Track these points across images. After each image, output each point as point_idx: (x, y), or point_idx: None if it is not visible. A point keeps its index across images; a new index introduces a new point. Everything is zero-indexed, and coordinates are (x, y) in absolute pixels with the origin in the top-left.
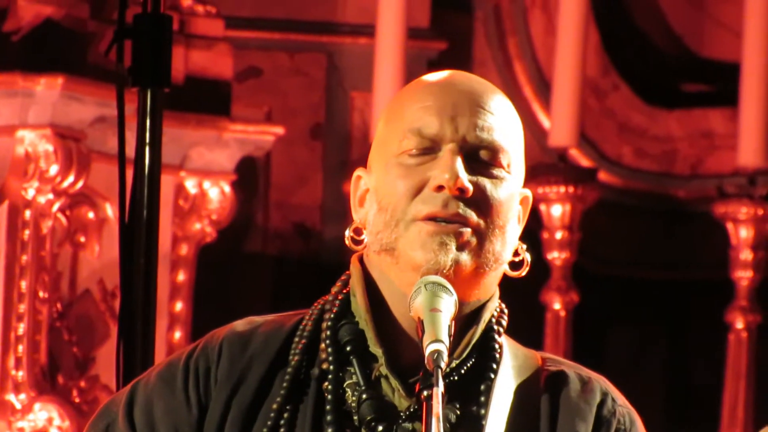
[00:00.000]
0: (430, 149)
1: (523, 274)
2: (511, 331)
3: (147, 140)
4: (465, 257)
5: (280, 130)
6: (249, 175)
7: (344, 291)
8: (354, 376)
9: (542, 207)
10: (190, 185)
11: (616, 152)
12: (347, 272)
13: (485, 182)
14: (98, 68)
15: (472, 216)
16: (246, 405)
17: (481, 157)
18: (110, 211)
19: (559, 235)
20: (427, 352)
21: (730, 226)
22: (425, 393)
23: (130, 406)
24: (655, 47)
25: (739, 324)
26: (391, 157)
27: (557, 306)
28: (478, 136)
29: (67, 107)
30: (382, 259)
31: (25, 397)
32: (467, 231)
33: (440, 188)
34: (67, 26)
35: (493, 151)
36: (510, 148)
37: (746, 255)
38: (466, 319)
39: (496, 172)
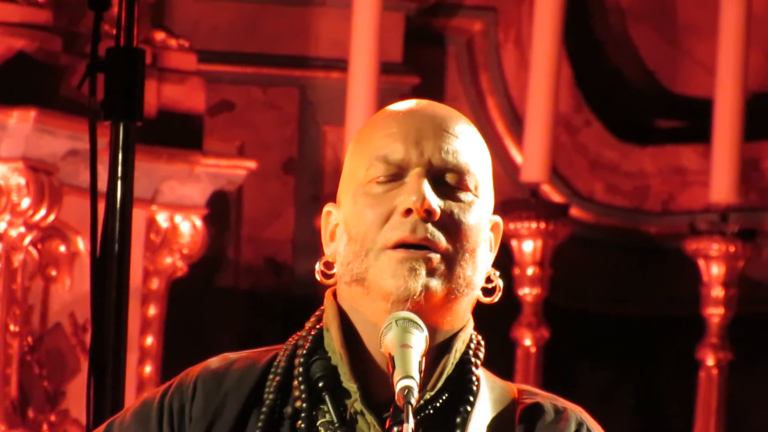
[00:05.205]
0: (396, 175)
1: (496, 300)
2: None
3: (119, 174)
4: (435, 283)
5: (252, 164)
6: (221, 209)
7: (318, 326)
8: (327, 414)
9: (514, 243)
10: (162, 219)
11: (588, 188)
12: (321, 308)
13: (453, 206)
14: (71, 102)
15: (441, 240)
16: None
17: (447, 181)
18: (82, 244)
19: (530, 271)
20: (397, 389)
21: (701, 262)
22: (395, 429)
23: None
24: (627, 83)
25: (710, 361)
26: (358, 186)
27: (528, 342)
28: (444, 159)
29: (40, 140)
30: (352, 290)
31: None
32: (436, 257)
33: (408, 212)
34: (40, 59)
35: (460, 173)
36: (476, 171)
37: (717, 292)
38: (438, 349)
39: (463, 195)
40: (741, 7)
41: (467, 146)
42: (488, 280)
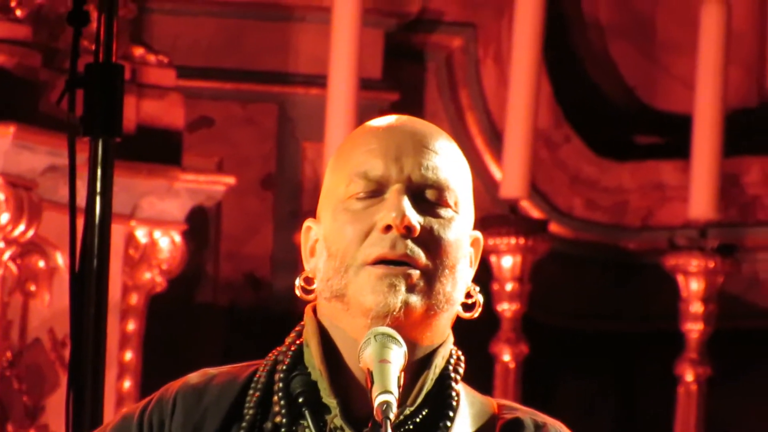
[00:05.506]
0: (376, 192)
1: (476, 315)
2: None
3: (98, 189)
4: (415, 299)
5: (231, 180)
6: (200, 225)
7: (297, 342)
8: (307, 430)
9: (493, 258)
10: (141, 235)
11: (567, 204)
12: (301, 323)
13: (433, 222)
14: (50, 117)
15: (421, 256)
16: None
17: (427, 197)
18: (61, 260)
19: (509, 286)
20: (376, 404)
21: (680, 278)
22: None
23: None
24: (607, 99)
25: (689, 376)
26: (338, 202)
27: (507, 357)
28: (424, 175)
29: (19, 156)
30: (332, 306)
31: None
32: (416, 273)
33: (388, 228)
34: (19, 75)
35: (439, 189)
36: (456, 187)
37: (696, 307)
38: (418, 364)
39: (443, 211)
40: (720, 23)
41: (447, 162)
42: (468, 295)
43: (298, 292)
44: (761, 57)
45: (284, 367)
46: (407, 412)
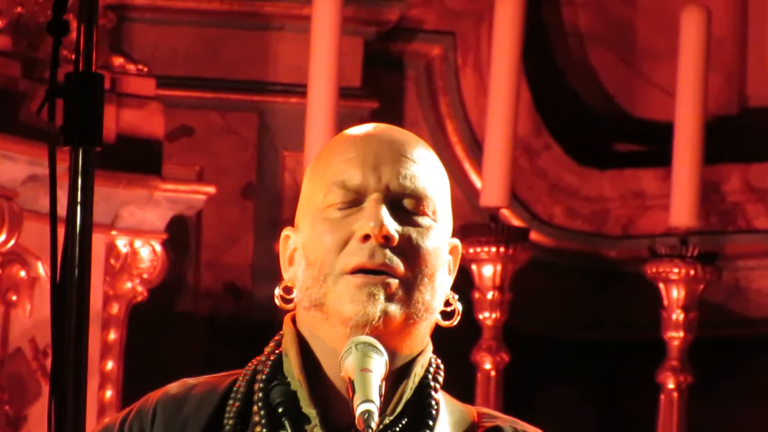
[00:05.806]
0: (355, 201)
1: (455, 323)
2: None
3: (78, 199)
4: (393, 308)
5: (211, 189)
6: (180, 235)
7: (277, 351)
8: None
9: (473, 267)
10: (121, 244)
11: (547, 212)
12: (281, 332)
13: (411, 231)
14: (30, 127)
15: (399, 266)
16: None
17: (405, 206)
18: (42, 269)
19: (490, 295)
20: (357, 413)
21: (661, 286)
22: None
23: None
24: (587, 107)
25: (671, 384)
26: (316, 212)
27: (488, 366)
28: (402, 184)
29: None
30: (311, 316)
31: None
32: (394, 282)
33: (366, 238)
34: None
35: (417, 198)
36: (434, 196)
37: (678, 315)
38: (398, 373)
39: (421, 220)
40: (700, 29)
41: (425, 171)
42: (447, 303)
43: (277, 302)
44: (742, 64)
45: (264, 377)
46: (387, 421)
